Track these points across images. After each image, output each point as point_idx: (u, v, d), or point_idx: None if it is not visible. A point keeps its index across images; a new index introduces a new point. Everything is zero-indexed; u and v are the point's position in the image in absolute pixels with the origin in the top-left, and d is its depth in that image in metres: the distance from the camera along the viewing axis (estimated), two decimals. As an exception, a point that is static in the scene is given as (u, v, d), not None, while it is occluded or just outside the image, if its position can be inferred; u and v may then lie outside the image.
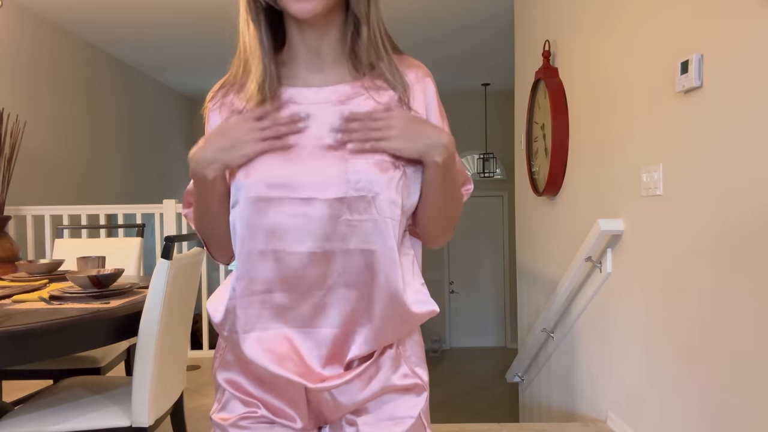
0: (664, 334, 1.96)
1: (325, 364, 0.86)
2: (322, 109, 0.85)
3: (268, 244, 0.82)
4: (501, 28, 4.75)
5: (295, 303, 0.84)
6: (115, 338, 1.65)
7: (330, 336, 0.85)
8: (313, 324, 0.85)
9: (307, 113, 0.85)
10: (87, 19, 4.43)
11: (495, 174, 7.62)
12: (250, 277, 0.84)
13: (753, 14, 1.49)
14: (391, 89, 0.87)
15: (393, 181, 0.82)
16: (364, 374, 0.87)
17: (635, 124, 2.16)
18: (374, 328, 0.85)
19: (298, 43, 0.87)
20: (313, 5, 0.80)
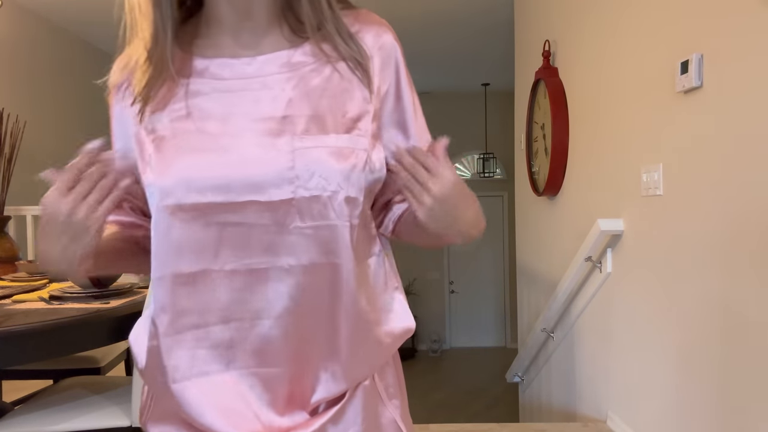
0: (664, 334, 1.96)
1: (285, 412, 0.67)
2: (259, 80, 0.65)
3: (195, 265, 0.63)
4: (501, 28, 4.75)
5: (239, 337, 0.65)
6: (115, 338, 1.65)
7: (285, 376, 0.66)
8: (264, 362, 0.66)
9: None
10: (87, 19, 4.43)
11: (495, 174, 7.62)
12: (177, 309, 0.64)
13: (753, 14, 1.49)
14: (342, 60, 0.67)
15: (354, 171, 0.64)
16: (336, 418, 0.68)
17: (635, 124, 2.16)
18: (342, 361, 0.67)
19: (220, 2, 0.66)
20: None
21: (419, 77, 6.66)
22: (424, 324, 8.00)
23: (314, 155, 0.62)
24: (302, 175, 0.61)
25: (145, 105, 0.66)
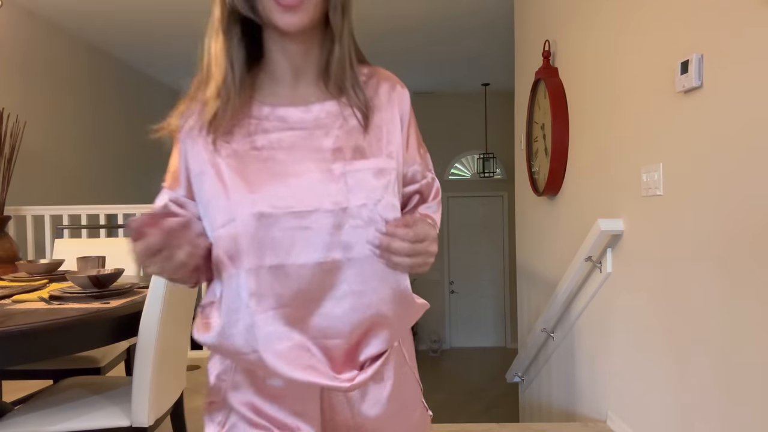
0: (664, 334, 1.96)
1: (341, 371, 0.84)
2: (314, 126, 0.84)
3: (275, 259, 0.80)
4: (501, 28, 4.75)
5: (308, 315, 0.82)
6: (115, 338, 1.65)
7: (343, 345, 0.84)
8: (327, 335, 0.83)
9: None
10: (87, 19, 4.43)
11: (495, 174, 7.62)
12: (261, 293, 0.81)
13: (753, 14, 1.49)
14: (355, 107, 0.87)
15: (390, 185, 0.84)
16: (377, 374, 0.88)
17: (635, 124, 2.16)
18: (390, 329, 0.87)
19: (279, 59, 0.85)
20: (300, 18, 0.78)
21: (420, 77, 6.66)
22: (424, 324, 8.00)
23: (360, 176, 0.82)
24: (353, 189, 0.81)
25: (217, 138, 0.82)
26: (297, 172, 0.81)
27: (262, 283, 0.80)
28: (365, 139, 0.85)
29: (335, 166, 0.82)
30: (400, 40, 5.09)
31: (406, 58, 5.77)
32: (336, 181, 0.81)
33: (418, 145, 0.97)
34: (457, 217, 8.01)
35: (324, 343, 0.83)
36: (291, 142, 0.83)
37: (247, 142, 0.82)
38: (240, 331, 0.82)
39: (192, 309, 2.02)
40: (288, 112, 0.84)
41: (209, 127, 0.82)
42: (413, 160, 0.95)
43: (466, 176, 7.99)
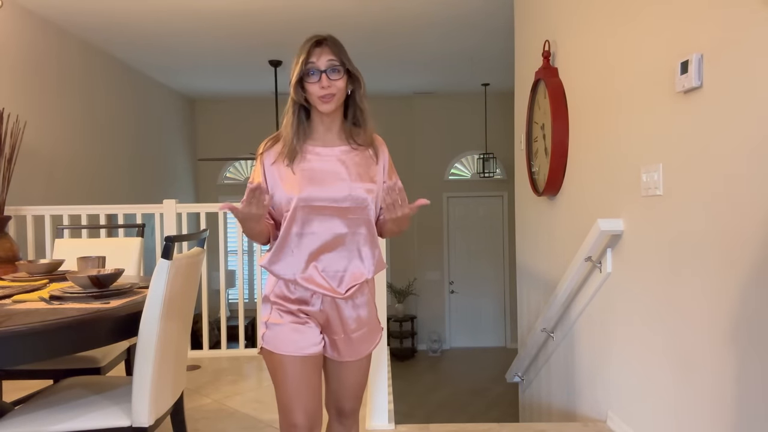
0: (664, 334, 1.96)
1: (338, 286, 1.50)
2: (334, 157, 1.52)
3: (309, 229, 1.48)
4: (501, 28, 4.75)
5: (326, 257, 1.49)
6: (115, 338, 1.65)
7: (341, 273, 1.50)
8: (333, 267, 1.50)
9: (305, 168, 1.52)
10: (87, 19, 4.43)
11: (495, 174, 7.62)
12: (301, 247, 1.48)
13: (753, 14, 1.50)
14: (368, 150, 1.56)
15: (372, 196, 1.51)
16: (358, 290, 1.53)
17: (635, 124, 2.16)
18: (366, 265, 1.53)
19: (318, 123, 1.55)
20: (331, 106, 1.48)
21: (420, 77, 6.66)
22: (424, 324, 8.00)
23: (358, 191, 1.49)
24: (355, 198, 1.48)
25: (291, 162, 1.50)
26: (325, 184, 1.48)
27: (302, 241, 1.48)
28: (363, 169, 1.53)
29: (344, 183, 1.48)
30: (401, 40, 5.09)
31: (406, 58, 5.77)
32: (345, 192, 1.48)
33: (392, 172, 1.62)
34: (457, 217, 8.01)
35: (333, 271, 1.50)
36: (321, 166, 1.51)
37: (301, 166, 1.50)
38: (287, 262, 1.49)
39: (192, 309, 2.02)
40: (323, 150, 1.53)
41: (281, 157, 1.51)
42: (389, 178, 1.60)
43: (466, 176, 7.99)
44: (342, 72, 1.47)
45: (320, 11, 4.34)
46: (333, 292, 1.48)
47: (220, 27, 4.67)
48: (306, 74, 1.47)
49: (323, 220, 1.47)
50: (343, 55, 1.49)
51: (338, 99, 1.48)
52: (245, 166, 7.96)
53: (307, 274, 1.48)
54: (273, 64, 5.72)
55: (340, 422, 1.65)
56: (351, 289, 1.50)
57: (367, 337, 1.57)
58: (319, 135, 1.54)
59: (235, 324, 6.50)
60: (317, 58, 1.46)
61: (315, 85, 1.46)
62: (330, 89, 1.45)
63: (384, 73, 6.37)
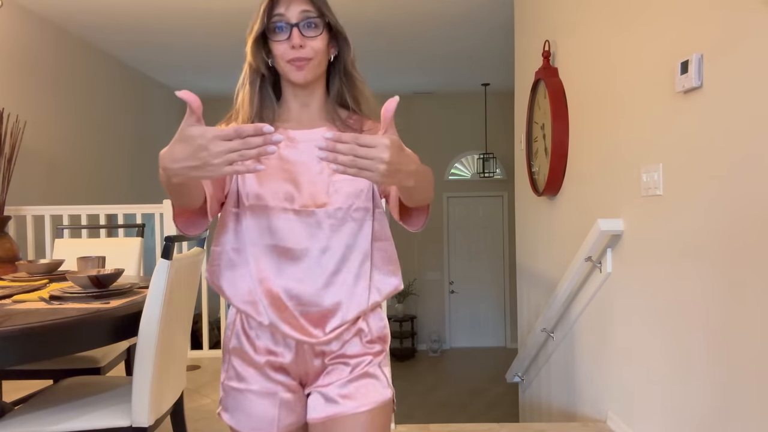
0: (664, 334, 1.96)
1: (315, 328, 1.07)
2: (313, 143, 1.05)
3: (273, 240, 1.06)
4: (501, 28, 4.75)
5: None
6: (115, 338, 1.65)
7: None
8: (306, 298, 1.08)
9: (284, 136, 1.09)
10: (87, 19, 4.43)
11: (495, 174, 7.62)
12: (260, 270, 1.06)
13: (753, 14, 1.49)
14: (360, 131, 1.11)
15: (363, 192, 1.09)
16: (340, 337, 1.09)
17: (635, 124, 2.16)
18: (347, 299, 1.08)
19: (290, 98, 1.14)
20: (305, 75, 1.07)
21: (420, 77, 6.66)
22: (424, 324, 7.99)
23: (339, 184, 1.07)
24: (332, 194, 1.07)
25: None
26: (297, 178, 1.08)
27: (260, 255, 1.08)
28: None
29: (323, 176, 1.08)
30: (400, 39, 5.09)
31: (406, 58, 5.77)
32: (323, 186, 1.08)
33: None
34: (457, 217, 8.01)
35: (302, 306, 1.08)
36: (295, 156, 1.09)
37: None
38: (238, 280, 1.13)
39: (192, 309, 2.02)
40: (296, 133, 1.11)
41: None
42: None
43: (466, 176, 7.99)
44: (321, 27, 1.07)
45: (320, 11, 4.34)
46: (308, 335, 1.05)
47: (220, 26, 4.67)
48: (270, 30, 1.07)
49: (292, 231, 1.05)
50: (323, 5, 1.09)
51: (316, 65, 1.07)
52: (245, 166, 7.95)
53: (268, 304, 1.04)
54: (273, 64, 5.72)
55: None
56: (336, 331, 1.06)
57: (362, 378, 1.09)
58: (292, 114, 1.13)
59: (235, 324, 6.49)
60: (286, 8, 1.05)
61: (283, 44, 1.05)
62: (304, 51, 1.05)
63: (384, 73, 6.36)
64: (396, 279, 1.15)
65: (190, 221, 1.07)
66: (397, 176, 0.88)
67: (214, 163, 0.82)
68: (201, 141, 0.81)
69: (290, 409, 1.09)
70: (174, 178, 0.85)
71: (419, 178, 0.94)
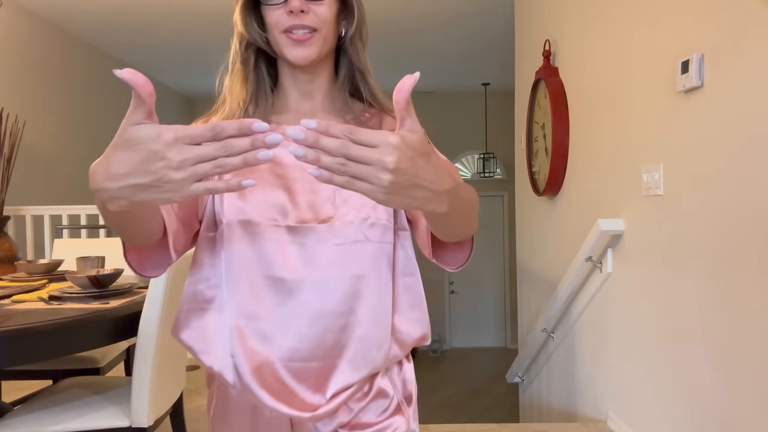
0: (664, 334, 1.96)
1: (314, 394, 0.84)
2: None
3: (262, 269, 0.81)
4: (501, 28, 4.75)
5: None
6: (115, 338, 1.65)
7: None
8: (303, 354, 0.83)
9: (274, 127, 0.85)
10: (86, 19, 4.43)
11: (495, 174, 7.62)
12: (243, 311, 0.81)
13: (753, 14, 1.49)
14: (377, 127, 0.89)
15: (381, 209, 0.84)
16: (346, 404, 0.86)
17: (635, 124, 2.15)
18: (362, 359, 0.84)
19: (289, 84, 0.90)
20: (309, 51, 0.82)
21: (420, 77, 6.63)
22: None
23: (346, 193, 0.82)
24: (340, 205, 0.82)
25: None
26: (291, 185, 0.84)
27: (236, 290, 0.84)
28: None
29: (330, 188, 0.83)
30: (400, 39, 5.09)
31: (406, 58, 5.76)
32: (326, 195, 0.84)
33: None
34: (457, 217, 8.00)
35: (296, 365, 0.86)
36: (292, 160, 0.84)
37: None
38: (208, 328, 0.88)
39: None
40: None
41: None
42: None
43: (466, 176, 7.99)
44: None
45: (320, 11, 4.33)
46: (304, 407, 0.81)
47: (221, 26, 4.67)
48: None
49: (288, 253, 0.81)
50: None
51: (322, 40, 0.83)
52: (245, 166, 7.95)
53: (245, 362, 0.79)
54: (273, 64, 5.72)
55: None
56: (341, 395, 0.83)
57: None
58: (289, 104, 0.90)
59: (235, 324, 6.50)
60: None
61: (279, 9, 0.81)
62: (306, 18, 0.81)
63: (384, 73, 6.35)
64: (423, 329, 0.91)
65: (146, 258, 0.79)
66: (411, 194, 0.58)
67: (174, 179, 0.55)
68: (154, 146, 0.56)
69: None
70: (111, 204, 0.60)
71: (457, 201, 0.65)
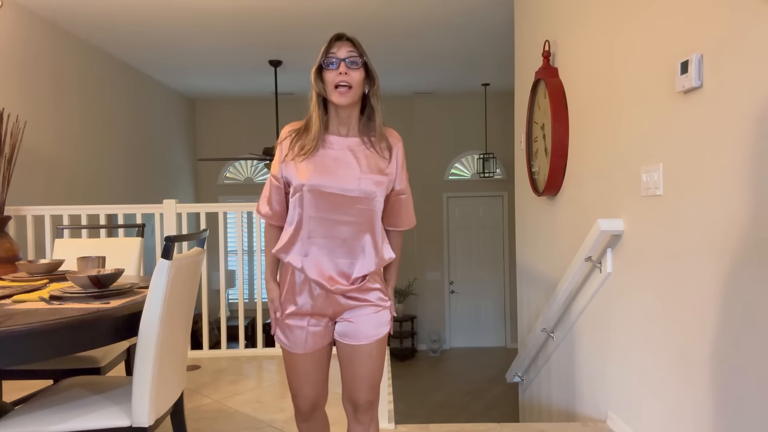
0: (664, 334, 1.96)
1: (342, 279, 1.58)
2: (346, 147, 1.58)
3: (318, 213, 1.55)
4: (501, 28, 4.75)
5: (332, 244, 1.57)
6: (115, 338, 1.65)
7: (347, 263, 1.58)
8: (339, 256, 1.58)
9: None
10: (87, 19, 4.43)
11: (495, 174, 7.62)
12: (308, 233, 1.56)
13: (753, 14, 1.50)
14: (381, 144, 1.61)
15: (381, 189, 1.58)
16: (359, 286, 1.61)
17: (635, 124, 2.16)
18: (362, 262, 1.59)
19: (334, 116, 1.60)
20: (346, 99, 1.53)
21: (420, 77, 6.66)
22: (424, 324, 8.00)
23: (366, 183, 1.55)
24: (363, 188, 1.55)
25: (310, 152, 1.57)
26: (337, 173, 1.55)
27: (309, 227, 1.55)
28: (372, 161, 1.58)
29: (354, 173, 1.55)
30: (400, 39, 5.09)
31: (406, 58, 5.77)
32: (355, 181, 1.54)
33: (405, 174, 1.68)
34: (457, 217, 8.01)
35: (339, 261, 1.59)
36: (335, 157, 1.57)
37: (314, 153, 1.57)
38: (296, 250, 1.59)
39: (192, 309, 2.02)
40: (336, 139, 1.59)
41: (299, 147, 1.58)
42: (401, 182, 1.67)
43: (466, 176, 7.99)
44: (360, 65, 1.52)
45: (320, 11, 4.34)
46: (335, 283, 1.55)
47: (220, 26, 4.67)
48: (326, 64, 1.53)
49: (331, 209, 1.52)
50: (363, 52, 1.55)
51: (354, 93, 1.52)
52: (245, 165, 7.96)
53: (313, 264, 1.54)
54: (273, 64, 5.72)
55: (356, 420, 1.65)
56: (355, 283, 1.56)
57: (371, 321, 1.60)
58: (334, 127, 1.59)
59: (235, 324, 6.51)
60: (338, 49, 1.52)
61: (333, 72, 1.51)
62: (347, 77, 1.49)
63: (384, 73, 6.36)
64: (390, 254, 1.65)
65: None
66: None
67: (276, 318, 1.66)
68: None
69: (312, 341, 1.61)
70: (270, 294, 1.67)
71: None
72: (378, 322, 1.60)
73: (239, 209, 3.68)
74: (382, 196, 1.57)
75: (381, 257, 1.60)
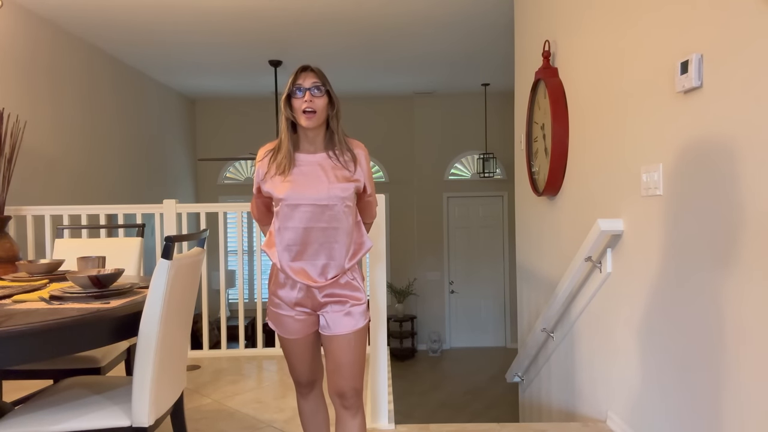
0: (664, 334, 1.97)
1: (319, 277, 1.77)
2: (315, 163, 1.77)
3: (295, 224, 1.74)
4: (501, 28, 4.75)
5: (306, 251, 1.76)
6: (115, 338, 1.65)
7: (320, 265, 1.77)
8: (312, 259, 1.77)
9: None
10: (87, 19, 4.43)
11: (495, 174, 7.62)
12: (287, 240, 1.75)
13: (753, 14, 1.50)
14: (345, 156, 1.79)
15: (348, 195, 1.76)
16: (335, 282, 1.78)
17: (635, 124, 2.16)
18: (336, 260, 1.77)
19: (303, 137, 1.79)
20: (312, 123, 1.72)
21: (420, 77, 6.66)
22: (424, 324, 8.00)
23: (335, 191, 1.74)
24: (332, 195, 1.74)
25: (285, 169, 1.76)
26: (309, 187, 1.74)
27: (286, 233, 1.75)
28: (339, 172, 1.76)
29: (323, 185, 1.74)
30: (400, 39, 5.09)
31: (406, 58, 5.77)
32: (325, 192, 1.73)
33: (371, 179, 1.87)
34: (457, 217, 8.01)
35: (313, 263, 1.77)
36: (305, 173, 1.76)
37: (292, 172, 1.76)
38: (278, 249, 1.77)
39: (192, 309, 2.02)
40: (306, 156, 1.78)
41: (274, 165, 1.77)
42: (370, 186, 1.86)
43: (466, 176, 7.99)
44: (323, 92, 1.73)
45: (320, 11, 4.34)
46: (312, 281, 1.74)
47: (220, 26, 4.67)
48: (293, 93, 1.73)
49: (305, 218, 1.72)
50: (326, 81, 1.75)
51: (319, 117, 1.72)
52: (245, 166, 7.96)
53: (291, 263, 1.75)
54: (273, 64, 5.72)
55: (343, 407, 1.79)
56: (330, 280, 1.75)
57: (348, 314, 1.76)
58: (304, 147, 1.79)
59: (235, 324, 6.51)
60: (303, 80, 1.73)
61: (299, 100, 1.71)
62: (312, 104, 1.70)
63: (384, 73, 6.37)
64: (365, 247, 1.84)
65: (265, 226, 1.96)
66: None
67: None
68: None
69: (298, 329, 1.80)
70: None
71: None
72: (354, 315, 1.77)
73: (239, 209, 3.68)
74: (351, 200, 1.76)
75: (354, 254, 1.80)
